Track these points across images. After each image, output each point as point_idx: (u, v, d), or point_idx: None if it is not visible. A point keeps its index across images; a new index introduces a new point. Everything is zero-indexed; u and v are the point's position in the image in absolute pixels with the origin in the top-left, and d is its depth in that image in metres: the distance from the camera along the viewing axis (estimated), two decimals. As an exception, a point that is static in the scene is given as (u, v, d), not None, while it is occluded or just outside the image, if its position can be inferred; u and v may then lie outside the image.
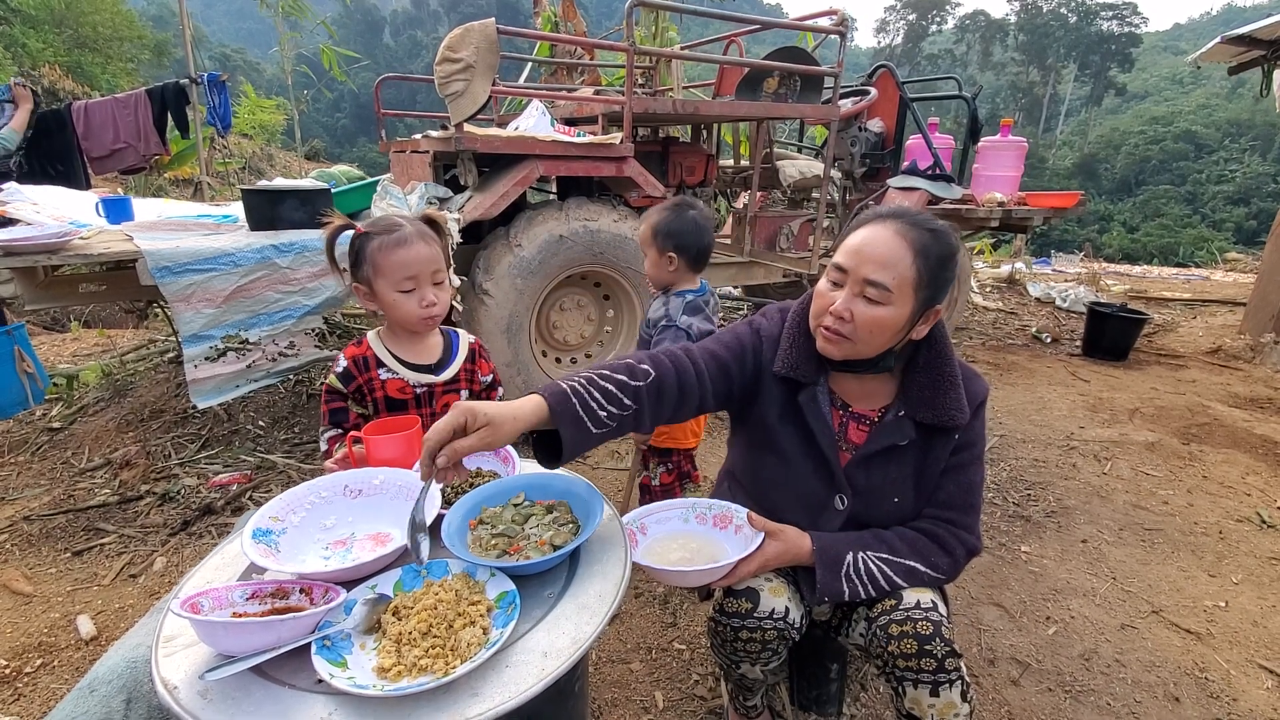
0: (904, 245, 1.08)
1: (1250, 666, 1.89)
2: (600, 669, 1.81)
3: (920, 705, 1.09)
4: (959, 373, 1.21)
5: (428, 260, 1.40)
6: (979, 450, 1.24)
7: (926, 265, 1.09)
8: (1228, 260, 11.35)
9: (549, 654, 0.88)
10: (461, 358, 1.54)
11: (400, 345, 1.49)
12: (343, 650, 0.88)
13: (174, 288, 2.24)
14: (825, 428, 1.23)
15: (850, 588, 1.16)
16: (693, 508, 1.27)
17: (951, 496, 1.22)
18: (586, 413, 1.07)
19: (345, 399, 1.46)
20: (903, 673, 1.09)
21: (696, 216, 1.92)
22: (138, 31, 18.94)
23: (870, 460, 1.22)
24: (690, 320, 1.92)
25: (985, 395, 1.24)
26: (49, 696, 1.70)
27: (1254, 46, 5.34)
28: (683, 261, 1.95)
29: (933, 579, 1.18)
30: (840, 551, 1.17)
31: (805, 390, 1.23)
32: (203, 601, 0.89)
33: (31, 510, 2.52)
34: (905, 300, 1.10)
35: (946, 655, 1.07)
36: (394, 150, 3.51)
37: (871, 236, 1.11)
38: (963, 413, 1.18)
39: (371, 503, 1.19)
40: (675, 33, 6.11)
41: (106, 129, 5.06)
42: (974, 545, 1.23)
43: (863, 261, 1.10)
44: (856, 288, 1.11)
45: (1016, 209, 4.50)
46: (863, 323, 1.10)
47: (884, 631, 1.12)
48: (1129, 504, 2.74)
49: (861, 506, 1.24)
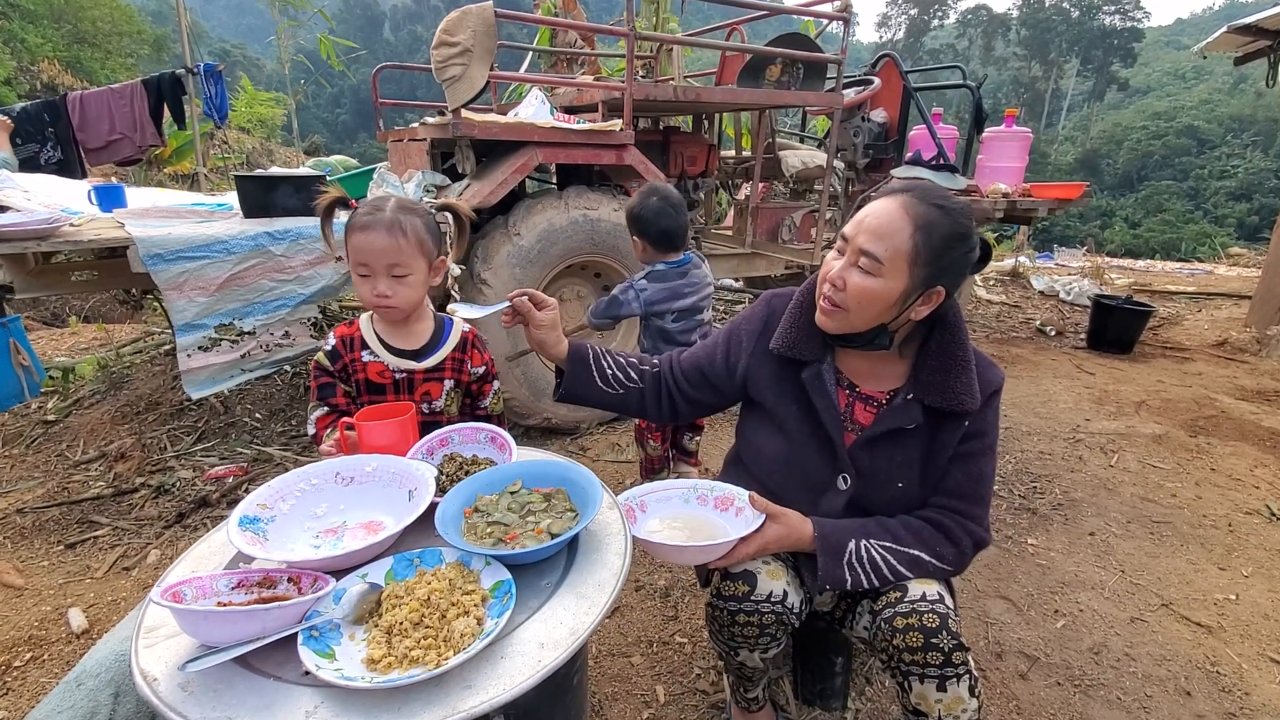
0: (905, 218, 1.06)
1: (1262, 660, 1.85)
2: (600, 662, 1.78)
3: (926, 700, 1.05)
4: (972, 358, 1.17)
5: (382, 252, 1.32)
6: (991, 440, 1.20)
7: (927, 241, 1.06)
8: (1230, 255, 11.28)
9: (546, 645, 0.84)
10: (449, 346, 1.49)
11: (387, 328, 1.46)
12: (331, 641, 0.84)
13: (166, 275, 2.21)
14: (829, 405, 1.20)
15: (853, 576, 1.12)
16: (694, 489, 1.24)
17: (960, 486, 1.18)
18: (596, 365, 1.31)
19: (333, 377, 1.45)
20: (908, 667, 1.06)
21: (656, 201, 2.06)
22: (137, 26, 18.86)
23: (875, 442, 1.19)
24: (645, 284, 2.13)
25: (1000, 384, 1.21)
26: (38, 690, 1.67)
27: (1260, 36, 5.29)
28: (645, 243, 2.13)
29: (938, 570, 1.15)
30: (843, 538, 1.14)
31: (809, 368, 1.22)
32: (186, 590, 0.86)
33: (25, 502, 2.49)
34: (898, 274, 1.07)
35: (954, 649, 1.03)
36: (392, 139, 3.47)
37: (877, 207, 1.10)
38: (973, 398, 1.14)
39: (364, 490, 1.16)
40: (676, 23, 6.06)
41: (102, 120, 5.03)
42: (982, 537, 1.19)
43: (860, 230, 1.09)
44: (853, 257, 1.10)
45: (1021, 200, 4.46)
46: (853, 292, 1.10)
47: (889, 624, 1.08)
48: (1136, 497, 2.70)
49: (864, 489, 1.21)
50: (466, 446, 1.32)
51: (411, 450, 1.26)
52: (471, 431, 1.34)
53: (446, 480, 1.17)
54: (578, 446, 3.08)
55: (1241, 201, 36.04)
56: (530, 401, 2.98)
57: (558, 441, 3.10)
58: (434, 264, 1.42)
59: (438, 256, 1.42)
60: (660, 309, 2.14)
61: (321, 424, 1.43)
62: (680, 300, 2.15)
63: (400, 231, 1.33)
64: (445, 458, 1.26)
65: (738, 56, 4.06)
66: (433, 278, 1.43)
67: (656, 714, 1.62)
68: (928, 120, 4.42)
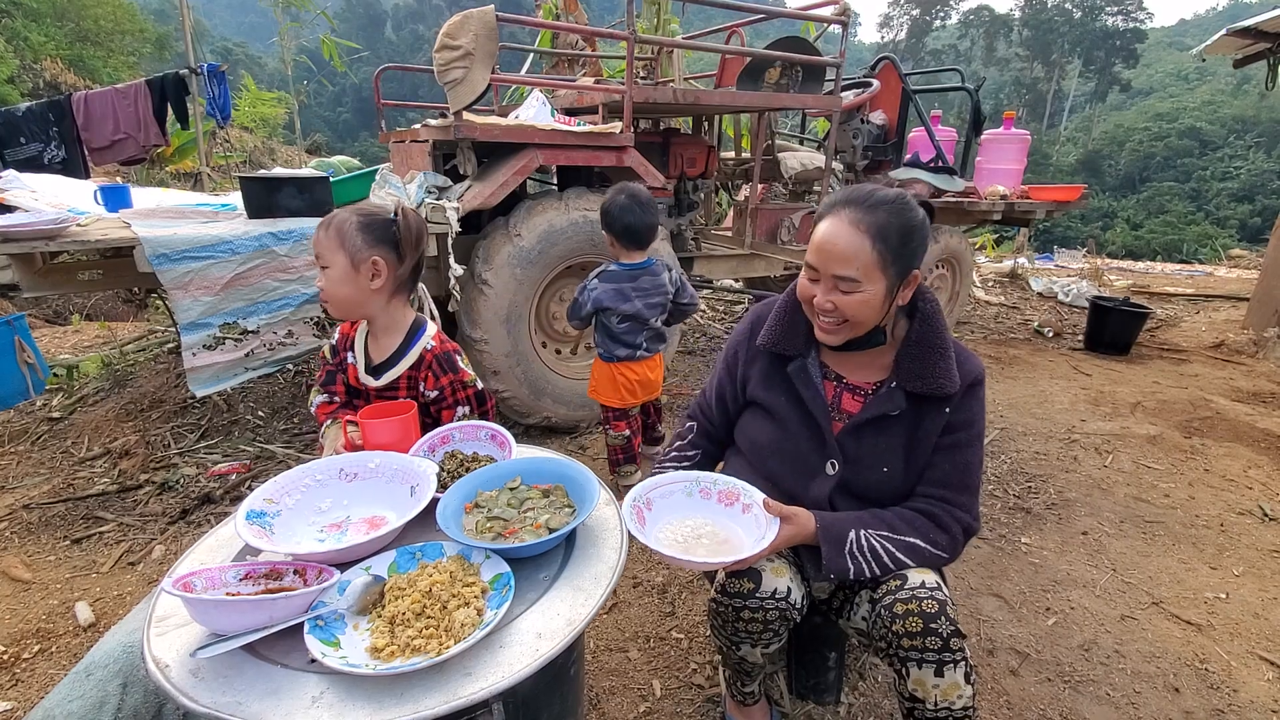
0: (859, 234, 1.14)
1: (1251, 658, 1.88)
2: (598, 657, 1.81)
3: (924, 686, 1.09)
4: (950, 346, 1.24)
5: (316, 242, 1.40)
6: (976, 431, 1.25)
7: (887, 245, 1.14)
8: (1231, 257, 11.28)
9: (543, 635, 0.87)
10: (405, 365, 1.47)
11: (371, 336, 1.50)
12: (335, 630, 0.87)
13: (171, 275, 2.23)
14: (815, 395, 1.29)
15: (855, 565, 1.17)
16: (696, 482, 1.26)
17: (947, 475, 1.23)
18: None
19: (334, 367, 1.51)
20: (907, 653, 1.09)
21: (624, 199, 2.19)
22: (139, 25, 18.87)
23: (861, 429, 1.26)
24: (596, 284, 2.26)
25: (980, 374, 1.27)
26: (47, 682, 1.70)
27: (1260, 39, 5.31)
28: (612, 238, 2.25)
29: (933, 555, 1.19)
30: (844, 529, 1.18)
31: (794, 362, 1.31)
32: (195, 581, 0.89)
33: (31, 498, 2.52)
34: (876, 280, 1.15)
35: (951, 634, 1.07)
36: (394, 140, 3.49)
37: (832, 233, 1.16)
38: (952, 382, 1.21)
39: (367, 486, 1.19)
40: (677, 24, 6.08)
41: (106, 120, 5.06)
42: (971, 524, 1.23)
43: (828, 261, 1.17)
44: (829, 284, 1.18)
45: (1019, 202, 4.48)
46: (847, 308, 1.18)
47: (889, 611, 1.12)
48: (1130, 496, 2.73)
49: (851, 474, 1.27)
50: (467, 444, 1.35)
51: (413, 447, 1.29)
52: (472, 429, 1.37)
53: (448, 476, 1.20)
54: (576, 445, 3.11)
55: (1243, 203, 35.99)
56: (530, 401, 3.01)
57: (557, 440, 3.13)
58: (359, 262, 1.38)
59: (369, 257, 1.39)
60: (606, 307, 2.26)
61: (321, 410, 1.49)
62: (625, 303, 2.25)
63: (325, 225, 1.39)
64: (446, 455, 1.29)
65: (738, 59, 4.08)
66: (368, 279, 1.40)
67: (653, 708, 1.65)
68: (926, 122, 4.45)
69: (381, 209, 1.45)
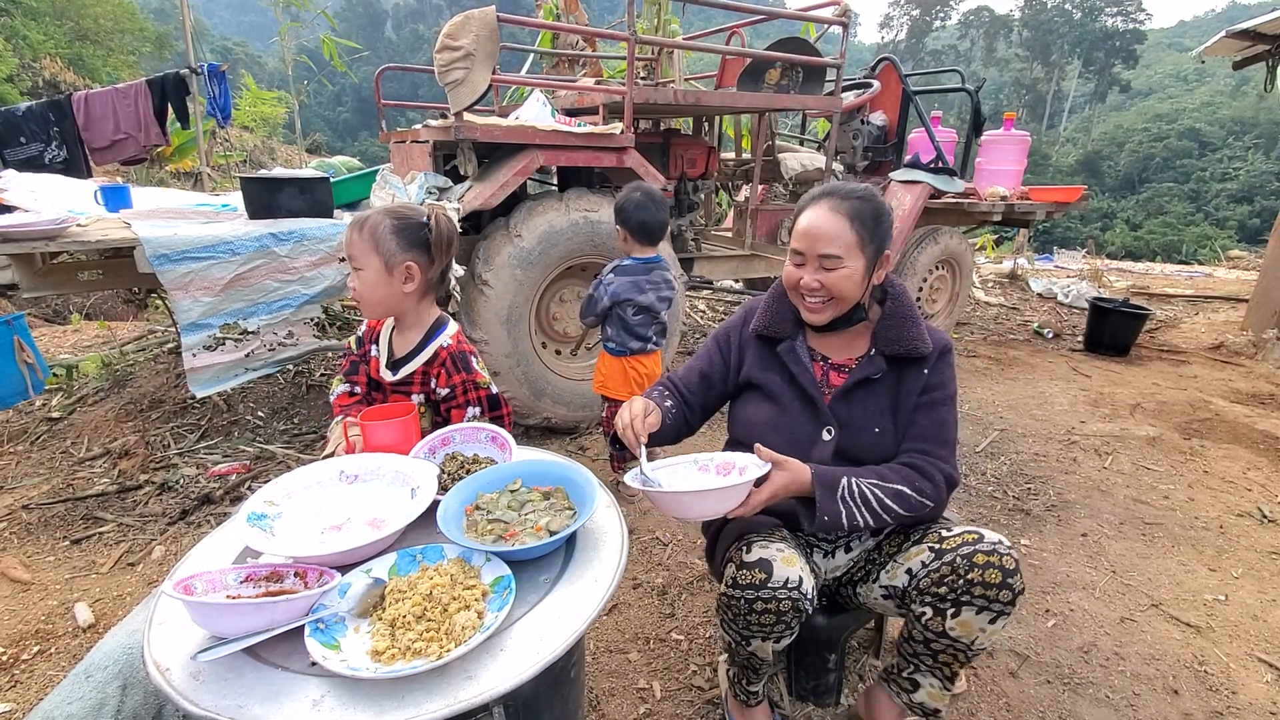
0: (839, 217, 1.30)
1: (1250, 660, 1.88)
2: (598, 659, 1.81)
3: (969, 627, 1.21)
4: (918, 314, 1.40)
5: (346, 244, 1.42)
6: (950, 392, 1.39)
7: (864, 226, 1.30)
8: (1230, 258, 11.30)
9: (544, 638, 0.87)
10: (420, 360, 1.47)
11: (396, 330, 1.51)
12: (336, 633, 0.87)
13: (172, 275, 2.23)
14: (805, 370, 1.41)
15: (846, 509, 1.24)
16: (694, 461, 1.33)
17: (925, 431, 1.35)
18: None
19: (359, 359, 1.54)
20: (972, 598, 1.19)
21: (639, 196, 2.31)
22: (139, 24, 18.88)
23: (850, 393, 1.39)
24: (613, 278, 2.33)
25: (949, 344, 1.42)
26: (46, 683, 1.70)
27: (1258, 41, 5.31)
28: (626, 233, 2.35)
29: (919, 502, 1.27)
30: (836, 476, 1.27)
31: (783, 343, 1.45)
32: (196, 583, 0.89)
33: (30, 499, 2.52)
34: (856, 257, 1.31)
35: (1020, 591, 1.19)
36: (394, 140, 3.49)
37: (814, 219, 1.32)
38: (924, 343, 1.36)
39: (368, 488, 1.19)
40: (677, 25, 6.08)
41: (107, 120, 5.05)
42: (952, 475, 1.33)
43: (813, 242, 1.32)
44: (815, 264, 1.33)
45: (1019, 203, 4.48)
46: (832, 285, 1.32)
47: (966, 560, 1.21)
48: (1129, 498, 2.73)
49: (847, 438, 1.38)
50: (468, 446, 1.35)
51: (414, 449, 1.29)
52: (472, 431, 1.37)
53: (448, 479, 1.20)
54: (576, 446, 3.11)
55: (1242, 204, 36.02)
56: (530, 401, 3.01)
57: (557, 441, 3.13)
58: (393, 266, 1.38)
59: (403, 261, 1.39)
60: (623, 300, 2.33)
61: (339, 401, 1.51)
62: (641, 295, 2.34)
63: (358, 227, 1.39)
64: (447, 457, 1.29)
65: (738, 60, 4.09)
66: (401, 282, 1.41)
67: (652, 709, 1.65)
68: (926, 123, 4.45)
69: (415, 212, 1.44)
